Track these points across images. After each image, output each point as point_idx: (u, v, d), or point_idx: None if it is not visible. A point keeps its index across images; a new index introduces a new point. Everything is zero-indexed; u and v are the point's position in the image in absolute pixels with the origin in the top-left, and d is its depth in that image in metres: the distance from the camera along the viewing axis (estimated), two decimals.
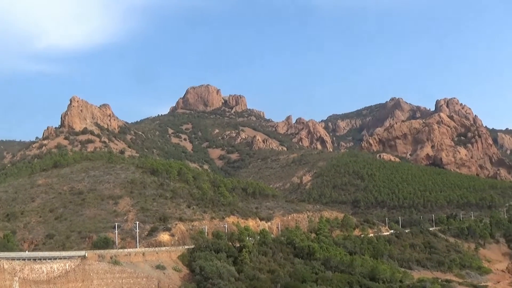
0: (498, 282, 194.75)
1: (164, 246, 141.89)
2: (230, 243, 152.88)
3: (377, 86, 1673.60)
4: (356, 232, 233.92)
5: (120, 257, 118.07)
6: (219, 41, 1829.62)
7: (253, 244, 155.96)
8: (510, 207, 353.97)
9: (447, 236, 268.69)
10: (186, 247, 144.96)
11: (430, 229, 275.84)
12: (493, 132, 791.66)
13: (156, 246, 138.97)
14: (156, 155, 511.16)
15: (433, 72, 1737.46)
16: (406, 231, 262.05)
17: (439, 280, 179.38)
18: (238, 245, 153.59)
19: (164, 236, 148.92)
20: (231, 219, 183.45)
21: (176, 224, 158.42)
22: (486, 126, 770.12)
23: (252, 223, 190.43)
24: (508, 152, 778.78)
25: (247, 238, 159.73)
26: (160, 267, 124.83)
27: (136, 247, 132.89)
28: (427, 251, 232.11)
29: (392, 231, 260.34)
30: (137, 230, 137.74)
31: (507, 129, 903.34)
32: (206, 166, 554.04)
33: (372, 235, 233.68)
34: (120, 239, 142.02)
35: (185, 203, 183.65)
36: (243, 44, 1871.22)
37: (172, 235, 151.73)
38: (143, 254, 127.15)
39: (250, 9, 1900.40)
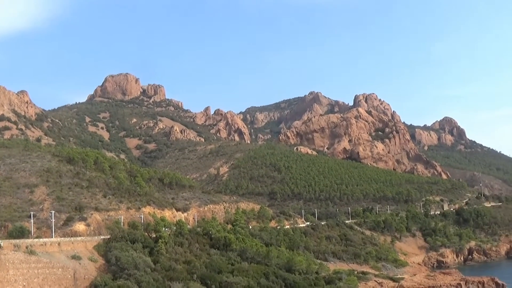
0: (414, 275, 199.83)
1: (80, 236, 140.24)
2: (146, 234, 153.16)
3: (296, 79, 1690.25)
4: (273, 223, 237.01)
5: (35, 246, 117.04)
6: (140, 30, 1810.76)
7: (169, 234, 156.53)
8: (426, 201, 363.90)
9: (363, 229, 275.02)
10: (102, 237, 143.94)
11: (346, 221, 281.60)
12: (411, 128, 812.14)
13: (72, 236, 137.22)
14: (72, 144, 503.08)
15: (352, 67, 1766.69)
16: (322, 223, 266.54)
17: (355, 272, 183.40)
18: (154, 235, 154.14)
19: (80, 226, 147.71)
20: (148, 209, 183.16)
21: (92, 214, 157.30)
22: (404, 122, 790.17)
23: (168, 214, 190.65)
24: (426, 148, 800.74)
25: (163, 228, 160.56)
26: (75, 257, 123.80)
27: (52, 237, 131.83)
28: (343, 243, 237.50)
29: (308, 223, 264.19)
30: (53, 220, 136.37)
31: (425, 125, 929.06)
32: (123, 156, 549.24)
33: (288, 226, 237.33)
34: (36, 229, 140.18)
35: (101, 192, 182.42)
36: (163, 33, 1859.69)
37: (88, 225, 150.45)
38: (59, 244, 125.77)
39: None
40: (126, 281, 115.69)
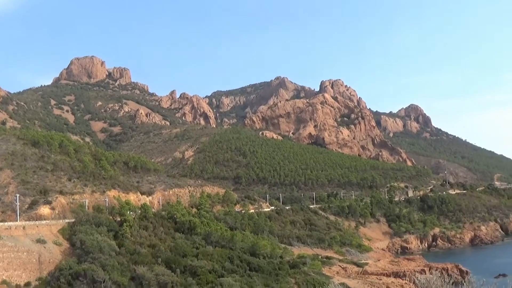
0: (379, 260, 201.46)
1: (45, 219, 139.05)
2: (111, 217, 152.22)
3: (262, 64, 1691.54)
4: (237, 207, 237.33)
5: (0, 230, 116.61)
6: (106, 12, 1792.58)
7: (134, 218, 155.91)
8: (391, 188, 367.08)
9: (327, 214, 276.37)
10: (67, 220, 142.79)
11: (311, 206, 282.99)
12: (377, 115, 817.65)
13: (36, 220, 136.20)
14: (37, 127, 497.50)
15: (319, 53, 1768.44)
16: (287, 208, 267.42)
17: (319, 257, 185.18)
18: (119, 219, 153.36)
19: (45, 210, 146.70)
20: (112, 193, 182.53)
21: (56, 198, 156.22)
22: (370, 109, 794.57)
23: (133, 197, 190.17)
24: (391, 134, 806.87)
25: (128, 212, 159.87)
26: (40, 241, 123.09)
27: (17, 221, 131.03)
28: (307, 228, 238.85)
29: (273, 207, 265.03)
30: (18, 203, 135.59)
31: (390, 112, 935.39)
32: (88, 139, 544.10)
33: (253, 211, 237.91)
34: (0, 212, 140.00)
35: (66, 176, 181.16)
36: (129, 16, 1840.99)
37: (53, 209, 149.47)
38: (24, 227, 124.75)
39: None
40: (91, 264, 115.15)
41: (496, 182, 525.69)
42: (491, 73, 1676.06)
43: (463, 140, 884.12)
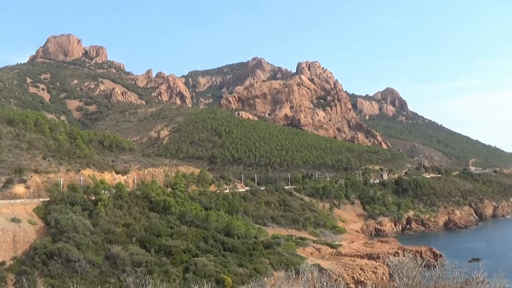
0: (353, 242, 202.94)
1: (19, 198, 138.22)
2: (85, 196, 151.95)
3: (239, 45, 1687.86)
4: (212, 188, 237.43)
5: None
6: None
7: (109, 197, 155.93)
8: (366, 170, 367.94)
9: (302, 195, 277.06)
10: (42, 199, 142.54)
11: (286, 187, 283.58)
12: (353, 97, 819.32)
13: (11, 199, 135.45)
14: (13, 105, 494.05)
15: (296, 35, 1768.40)
16: (262, 188, 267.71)
17: (294, 238, 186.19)
18: (93, 198, 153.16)
19: (20, 189, 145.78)
20: (87, 171, 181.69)
21: (31, 176, 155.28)
22: (346, 91, 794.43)
23: (108, 176, 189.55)
24: (367, 117, 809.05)
25: (103, 191, 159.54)
26: (15, 220, 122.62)
27: None
28: (282, 208, 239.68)
29: (247, 188, 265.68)
30: None
31: (367, 95, 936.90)
32: (63, 117, 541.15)
33: (227, 191, 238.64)
34: None
35: (41, 154, 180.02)
36: None
37: (28, 188, 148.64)
38: None
39: None
40: (65, 243, 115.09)
41: (471, 167, 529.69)
42: (467, 59, 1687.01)
43: (439, 124, 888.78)
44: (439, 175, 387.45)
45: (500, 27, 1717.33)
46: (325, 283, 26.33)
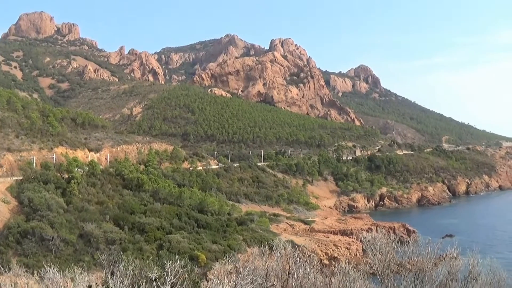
0: (326, 218, 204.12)
1: None
2: (58, 175, 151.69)
3: (212, 21, 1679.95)
4: (185, 164, 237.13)
5: None
6: None
7: (82, 175, 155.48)
8: (338, 147, 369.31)
9: (275, 172, 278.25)
10: (15, 178, 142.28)
11: (259, 164, 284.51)
12: (326, 74, 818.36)
13: None
14: None
15: (269, 11, 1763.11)
16: (235, 165, 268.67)
17: (267, 214, 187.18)
18: (66, 176, 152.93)
19: None
20: (60, 149, 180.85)
21: (4, 155, 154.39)
22: (319, 68, 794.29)
23: (81, 154, 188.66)
24: (340, 94, 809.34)
25: (76, 169, 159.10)
26: None
27: None
28: (255, 185, 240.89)
29: (221, 164, 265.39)
30: None
31: (340, 72, 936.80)
32: (36, 95, 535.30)
33: (201, 168, 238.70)
34: None
35: (14, 133, 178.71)
36: None
37: (0, 166, 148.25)
38: None
39: None
40: (39, 222, 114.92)
41: (444, 144, 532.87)
42: (442, 36, 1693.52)
43: (412, 102, 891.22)
44: (412, 152, 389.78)
45: (475, 4, 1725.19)
46: (298, 259, 26.52)
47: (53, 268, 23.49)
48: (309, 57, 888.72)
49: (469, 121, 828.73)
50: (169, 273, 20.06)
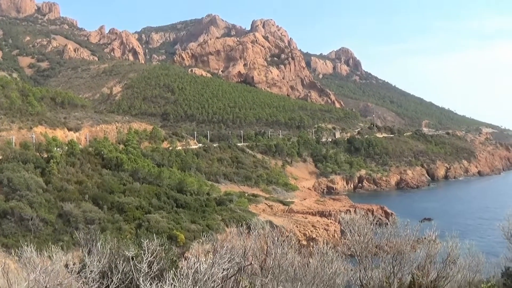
0: (304, 199, 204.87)
1: None
2: (37, 154, 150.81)
3: (194, 1, 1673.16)
4: (165, 144, 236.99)
5: None
6: None
7: (61, 155, 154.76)
8: (318, 128, 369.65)
9: (255, 153, 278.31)
10: None
11: (238, 144, 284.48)
12: (307, 56, 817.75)
13: None
14: None
15: None
16: (215, 145, 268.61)
17: (246, 194, 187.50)
18: (46, 156, 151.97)
19: None
20: (39, 129, 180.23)
21: None
22: (300, 50, 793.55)
23: (60, 134, 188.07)
24: (321, 76, 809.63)
25: (55, 149, 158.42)
26: None
27: None
28: (234, 165, 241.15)
29: (200, 144, 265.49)
30: None
31: (321, 54, 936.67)
32: (15, 75, 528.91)
33: (180, 148, 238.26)
34: None
35: None
36: None
37: None
38: None
39: None
40: (18, 202, 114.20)
41: (424, 128, 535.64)
42: (423, 20, 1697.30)
43: (392, 85, 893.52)
44: (391, 135, 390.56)
45: None
46: (276, 239, 26.54)
47: (31, 247, 23.39)
48: (290, 38, 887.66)
49: (450, 106, 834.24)
50: (146, 251, 19.94)
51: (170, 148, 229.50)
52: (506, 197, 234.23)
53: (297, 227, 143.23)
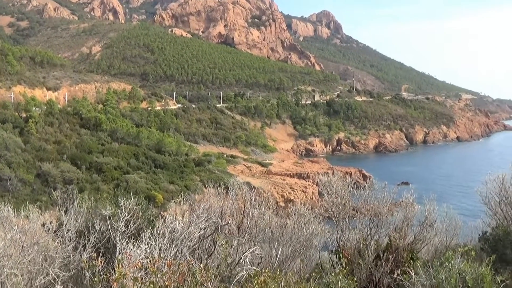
0: (283, 161, 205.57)
1: None
2: (16, 114, 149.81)
3: None
4: (144, 104, 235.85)
5: None
6: None
7: (40, 114, 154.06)
8: (298, 91, 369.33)
9: (234, 114, 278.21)
10: None
11: (218, 105, 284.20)
12: (288, 18, 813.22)
13: None
14: None
15: None
16: (194, 106, 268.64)
17: (225, 155, 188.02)
18: (24, 115, 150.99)
19: None
20: (18, 88, 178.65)
21: None
22: (281, 12, 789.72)
23: (39, 93, 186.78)
24: (301, 39, 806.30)
25: (34, 108, 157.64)
26: None
27: None
28: (213, 126, 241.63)
29: (179, 105, 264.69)
30: None
31: (302, 16, 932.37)
32: None
33: (159, 108, 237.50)
34: None
35: None
36: None
37: None
38: None
39: None
40: None
41: (403, 93, 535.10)
42: None
43: (373, 49, 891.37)
44: (371, 99, 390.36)
45: None
46: (253, 199, 26.42)
47: (8, 207, 23.17)
48: (272, 0, 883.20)
49: (430, 72, 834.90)
50: (123, 210, 19.80)
51: (149, 108, 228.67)
52: (484, 162, 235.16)
53: (275, 188, 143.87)
